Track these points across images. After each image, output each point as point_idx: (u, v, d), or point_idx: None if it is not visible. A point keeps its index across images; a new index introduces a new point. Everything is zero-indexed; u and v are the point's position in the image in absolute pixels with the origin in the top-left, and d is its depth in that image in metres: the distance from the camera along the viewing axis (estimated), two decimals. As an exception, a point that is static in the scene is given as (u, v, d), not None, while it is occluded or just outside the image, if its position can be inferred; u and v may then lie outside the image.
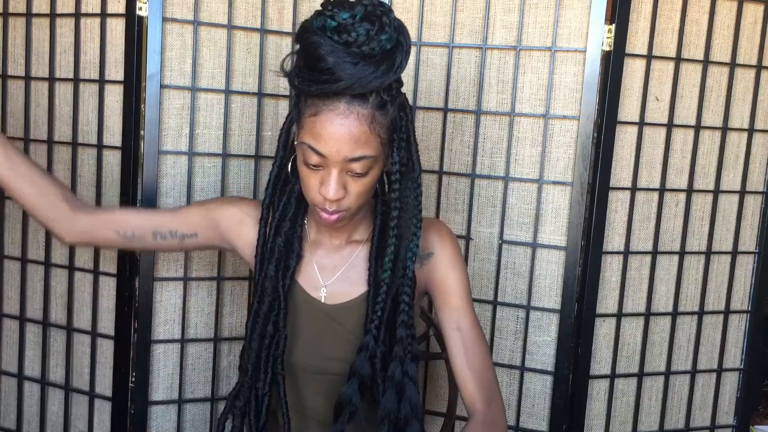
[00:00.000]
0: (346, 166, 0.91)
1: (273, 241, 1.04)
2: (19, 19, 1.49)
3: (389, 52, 0.88)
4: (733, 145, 1.55)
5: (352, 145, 0.89)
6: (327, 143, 0.89)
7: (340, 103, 0.88)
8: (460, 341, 1.03)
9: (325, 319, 1.06)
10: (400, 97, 0.96)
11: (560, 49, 1.42)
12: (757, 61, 1.53)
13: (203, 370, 1.51)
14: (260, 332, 1.04)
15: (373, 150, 0.91)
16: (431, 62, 1.48)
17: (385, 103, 0.91)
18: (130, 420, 1.47)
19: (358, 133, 0.89)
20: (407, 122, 0.98)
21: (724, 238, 1.58)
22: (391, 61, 0.88)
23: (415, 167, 1.00)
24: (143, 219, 1.13)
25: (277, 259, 1.04)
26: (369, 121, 0.89)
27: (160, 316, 1.46)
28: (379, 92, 0.90)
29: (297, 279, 1.07)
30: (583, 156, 1.42)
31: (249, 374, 1.04)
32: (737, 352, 1.64)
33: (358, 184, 0.94)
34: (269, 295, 1.04)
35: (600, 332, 1.51)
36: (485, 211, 1.49)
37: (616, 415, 1.56)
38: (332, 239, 1.07)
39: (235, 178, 1.48)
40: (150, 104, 1.38)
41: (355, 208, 0.97)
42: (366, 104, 0.89)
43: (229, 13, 1.42)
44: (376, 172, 0.95)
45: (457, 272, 1.06)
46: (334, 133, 0.89)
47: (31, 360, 1.57)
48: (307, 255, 1.08)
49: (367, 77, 0.86)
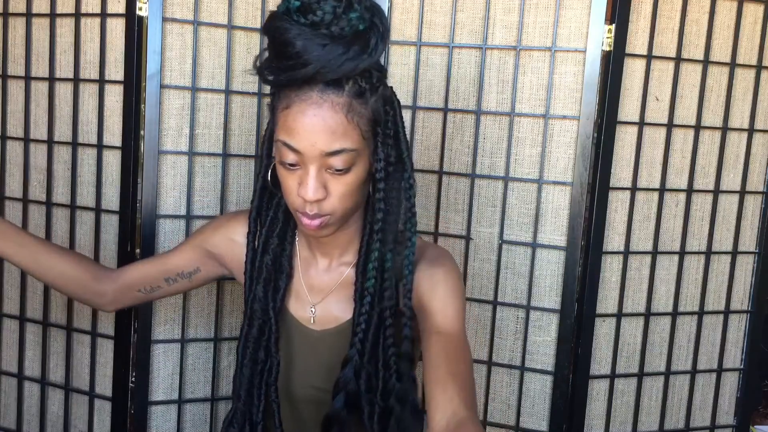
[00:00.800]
0: (324, 162, 0.83)
1: (261, 259, 0.98)
2: (19, 19, 1.49)
3: (362, 33, 0.80)
4: (733, 145, 1.55)
5: (327, 137, 0.81)
6: (301, 137, 0.82)
7: (313, 92, 0.81)
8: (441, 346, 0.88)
9: (314, 345, 1.00)
10: (383, 89, 0.88)
11: (560, 49, 1.42)
12: (757, 61, 1.53)
13: (203, 370, 1.51)
14: (252, 357, 0.98)
15: (352, 142, 0.83)
16: (431, 62, 1.48)
17: (363, 91, 0.83)
18: (130, 420, 1.47)
19: (334, 124, 0.81)
20: (395, 116, 0.90)
21: (724, 238, 1.58)
22: (363, 43, 0.80)
23: (406, 166, 0.91)
24: (154, 270, 1.11)
25: (266, 279, 0.98)
26: (345, 110, 0.82)
27: (160, 316, 1.46)
28: (355, 79, 0.82)
29: (287, 302, 1.01)
30: (583, 156, 1.42)
31: (242, 400, 0.99)
32: (737, 352, 1.63)
33: (340, 183, 0.85)
34: (259, 318, 0.98)
35: (600, 332, 1.51)
36: (485, 211, 1.49)
37: (616, 415, 1.56)
38: (323, 258, 1.00)
39: (235, 178, 1.48)
40: (150, 104, 1.38)
41: (340, 213, 0.88)
42: (341, 92, 0.81)
43: (229, 13, 1.42)
44: (359, 171, 0.86)
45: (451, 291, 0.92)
46: (307, 125, 0.81)
47: (31, 360, 1.57)
48: (296, 275, 1.01)
49: (337, 59, 0.78)
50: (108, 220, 1.46)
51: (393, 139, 0.90)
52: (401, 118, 0.93)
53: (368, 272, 0.91)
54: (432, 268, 0.93)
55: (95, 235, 1.47)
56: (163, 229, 1.43)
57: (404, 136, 0.92)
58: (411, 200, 0.92)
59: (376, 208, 0.90)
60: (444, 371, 0.84)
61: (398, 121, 0.91)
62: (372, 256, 0.91)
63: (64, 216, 1.50)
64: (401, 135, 0.91)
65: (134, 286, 1.11)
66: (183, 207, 1.44)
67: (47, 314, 1.54)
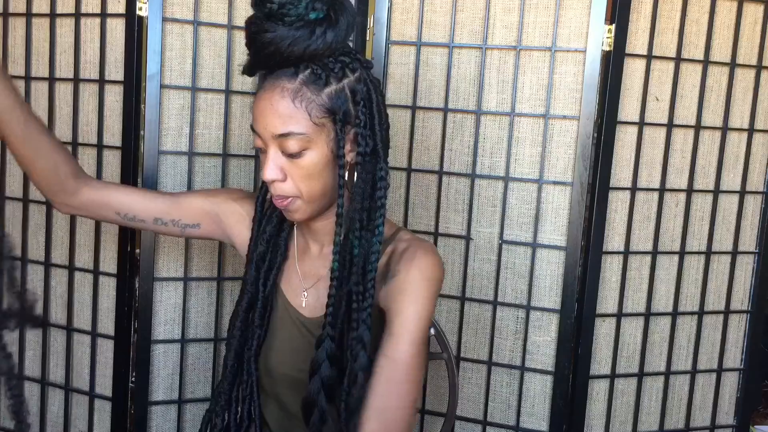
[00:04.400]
0: (279, 145, 0.90)
1: (259, 236, 1.04)
2: (19, 19, 1.49)
3: (312, 21, 0.87)
4: (733, 145, 1.55)
5: (276, 120, 0.88)
6: (257, 120, 0.90)
7: (269, 80, 0.89)
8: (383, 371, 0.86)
9: (301, 329, 1.03)
10: (352, 81, 0.91)
11: (560, 49, 1.42)
12: (757, 61, 1.53)
13: (203, 370, 1.51)
14: (240, 329, 1.03)
15: (300, 127, 0.88)
16: (431, 62, 1.48)
17: (318, 78, 0.88)
18: (130, 420, 1.47)
19: (281, 108, 0.88)
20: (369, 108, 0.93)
21: (724, 238, 1.58)
22: (311, 29, 0.86)
23: (379, 156, 0.94)
24: (146, 203, 1.09)
25: (261, 254, 1.03)
26: (293, 95, 0.88)
27: (160, 316, 1.46)
28: (312, 67, 0.88)
29: (281, 284, 1.05)
30: (583, 156, 1.42)
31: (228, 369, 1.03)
32: (737, 352, 1.63)
33: (296, 166, 0.90)
34: (248, 291, 1.03)
35: (600, 332, 1.51)
36: (485, 211, 1.49)
37: (616, 415, 1.56)
38: (314, 244, 1.04)
39: (235, 178, 1.48)
40: (150, 104, 1.38)
41: (306, 196, 0.92)
42: (294, 79, 0.88)
43: (229, 13, 1.42)
44: (316, 155, 0.90)
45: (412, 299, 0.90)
46: (261, 109, 0.89)
47: (31, 360, 1.57)
48: (291, 259, 1.06)
49: (284, 41, 0.86)
50: (108, 220, 1.46)
51: (367, 129, 0.93)
52: (381, 110, 0.95)
53: (333, 255, 0.94)
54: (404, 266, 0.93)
55: (95, 235, 1.47)
56: (163, 229, 1.43)
57: (381, 128, 0.94)
58: (382, 191, 0.94)
59: (338, 194, 0.93)
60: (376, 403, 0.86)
61: (374, 113, 0.93)
62: (336, 239, 0.93)
63: (64, 216, 1.50)
64: (376, 128, 0.93)
65: (115, 207, 1.08)
66: (183, 207, 1.44)
67: (47, 314, 1.54)
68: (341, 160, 0.91)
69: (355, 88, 0.92)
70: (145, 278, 1.42)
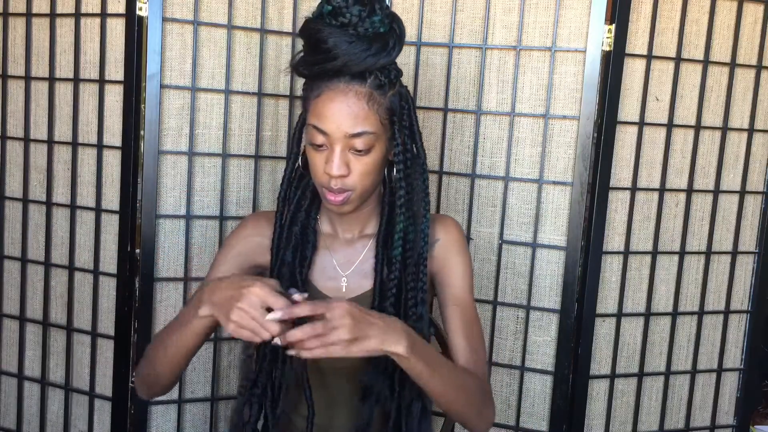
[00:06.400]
0: (348, 143, 0.96)
1: (289, 230, 1.06)
2: (19, 19, 1.49)
3: (382, 34, 0.95)
4: (733, 145, 1.55)
5: (351, 120, 0.95)
6: (328, 120, 0.95)
7: (340, 83, 0.95)
8: (458, 316, 1.06)
9: None
10: (399, 86, 1.01)
11: (560, 49, 1.42)
12: (757, 61, 1.53)
13: (203, 370, 1.51)
14: None
15: (372, 126, 0.96)
16: (431, 62, 1.48)
17: (382, 85, 0.96)
18: (130, 420, 1.47)
19: (357, 110, 0.95)
20: (410, 111, 1.03)
21: (724, 238, 1.58)
22: (383, 42, 0.94)
23: (419, 154, 1.05)
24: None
25: (294, 246, 1.06)
26: (366, 99, 0.95)
27: (160, 316, 1.45)
28: (375, 73, 0.95)
29: (311, 275, 1.07)
30: (583, 156, 1.42)
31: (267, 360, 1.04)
32: (737, 352, 1.63)
33: (361, 162, 0.97)
34: (287, 281, 1.04)
35: (600, 332, 1.51)
36: (485, 211, 1.49)
37: (616, 415, 1.56)
38: (345, 233, 1.09)
39: (235, 178, 1.48)
40: (150, 104, 1.38)
41: (361, 189, 0.99)
42: (364, 84, 0.95)
43: (229, 13, 1.42)
44: (378, 152, 0.98)
45: (461, 257, 1.09)
46: (335, 110, 0.95)
47: (31, 360, 1.57)
48: (321, 248, 1.09)
49: (360, 54, 0.93)
50: (108, 220, 1.46)
51: (409, 130, 1.03)
52: (415, 113, 1.06)
53: (395, 242, 1.03)
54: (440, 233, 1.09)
55: (95, 235, 1.47)
56: (163, 229, 1.43)
57: (419, 129, 1.06)
58: (426, 183, 1.06)
59: (398, 187, 1.03)
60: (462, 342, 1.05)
61: (412, 115, 1.04)
62: (397, 228, 1.03)
63: (64, 216, 1.50)
64: (416, 128, 1.05)
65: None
66: (183, 207, 1.44)
67: (47, 314, 1.54)
68: (398, 157, 1.01)
69: (401, 92, 1.02)
70: (145, 278, 1.42)
